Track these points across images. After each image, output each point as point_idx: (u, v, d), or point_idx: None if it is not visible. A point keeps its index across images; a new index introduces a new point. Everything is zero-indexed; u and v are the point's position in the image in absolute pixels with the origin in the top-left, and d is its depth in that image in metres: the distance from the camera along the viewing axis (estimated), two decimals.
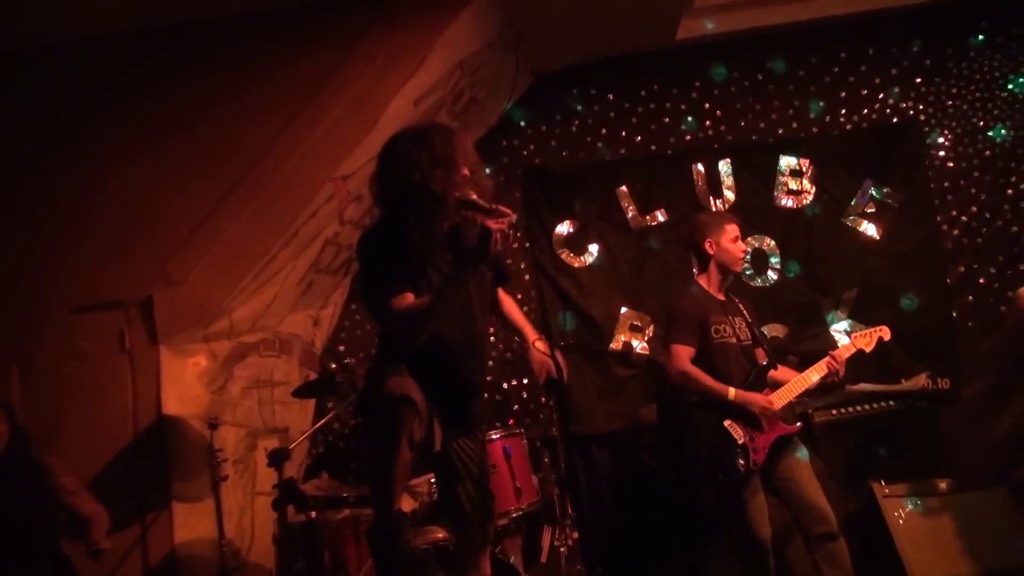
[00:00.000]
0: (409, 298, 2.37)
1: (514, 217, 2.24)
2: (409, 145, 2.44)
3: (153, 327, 3.63)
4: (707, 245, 3.59)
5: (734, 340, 3.51)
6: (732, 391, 3.39)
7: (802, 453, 3.47)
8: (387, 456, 2.31)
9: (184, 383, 3.67)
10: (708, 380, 3.45)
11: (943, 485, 3.83)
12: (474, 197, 2.28)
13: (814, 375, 3.51)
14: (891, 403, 4.17)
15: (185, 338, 3.68)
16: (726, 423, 3.39)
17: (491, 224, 2.19)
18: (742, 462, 3.36)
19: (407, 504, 3.62)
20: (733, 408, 3.39)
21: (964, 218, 4.74)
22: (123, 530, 3.48)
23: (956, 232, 4.75)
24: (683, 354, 3.50)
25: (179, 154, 3.77)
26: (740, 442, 3.37)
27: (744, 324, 3.60)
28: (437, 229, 2.43)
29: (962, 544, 3.62)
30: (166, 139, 3.78)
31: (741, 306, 3.68)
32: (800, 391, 3.48)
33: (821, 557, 3.29)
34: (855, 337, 3.70)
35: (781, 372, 3.61)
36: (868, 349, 3.65)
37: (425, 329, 2.35)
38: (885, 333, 3.69)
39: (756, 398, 3.41)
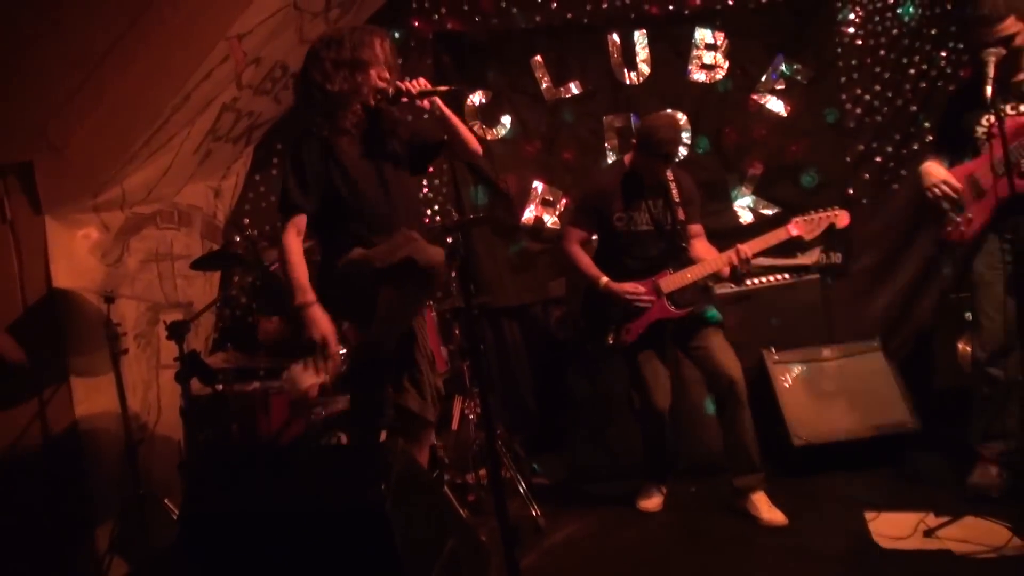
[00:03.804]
0: (300, 222, 2.60)
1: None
2: (320, 48, 2.64)
3: (36, 196, 3.38)
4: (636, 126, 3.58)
5: (644, 227, 3.52)
6: (603, 280, 3.51)
7: (716, 322, 3.54)
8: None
9: (75, 256, 3.49)
10: (584, 265, 3.57)
11: (827, 352, 4.06)
12: (403, 86, 2.65)
13: (709, 268, 3.44)
14: (786, 276, 4.35)
15: (73, 208, 3.46)
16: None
17: (435, 98, 2.70)
18: (611, 338, 3.53)
19: (322, 376, 3.62)
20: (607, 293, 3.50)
21: (867, 96, 4.83)
22: (20, 404, 3.38)
23: (859, 111, 4.85)
24: (571, 236, 3.63)
25: (55, 6, 3.42)
26: (613, 318, 3.52)
27: (663, 205, 3.52)
28: (343, 128, 2.65)
29: (841, 405, 3.88)
30: None
31: (673, 182, 3.54)
32: (693, 280, 3.48)
33: (725, 421, 3.46)
34: (796, 223, 3.36)
35: (701, 249, 3.57)
36: (810, 237, 3.35)
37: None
38: (841, 219, 3.32)
39: (624, 289, 3.48)
